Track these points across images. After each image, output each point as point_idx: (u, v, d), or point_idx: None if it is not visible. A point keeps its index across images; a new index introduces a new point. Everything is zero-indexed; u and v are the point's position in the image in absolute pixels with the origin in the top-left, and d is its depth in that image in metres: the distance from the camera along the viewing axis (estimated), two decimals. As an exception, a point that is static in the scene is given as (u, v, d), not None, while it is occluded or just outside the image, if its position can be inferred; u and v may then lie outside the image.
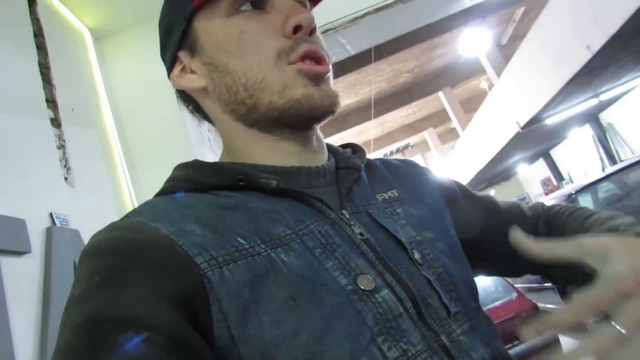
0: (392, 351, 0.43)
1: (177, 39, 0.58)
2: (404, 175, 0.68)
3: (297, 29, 0.53)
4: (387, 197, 0.61)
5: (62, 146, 1.42)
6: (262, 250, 0.45)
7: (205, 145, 1.70)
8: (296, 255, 0.46)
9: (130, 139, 1.71)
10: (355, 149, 0.66)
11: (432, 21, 2.18)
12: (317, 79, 0.54)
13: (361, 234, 0.52)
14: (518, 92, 8.90)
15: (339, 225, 0.51)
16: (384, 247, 0.52)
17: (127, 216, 0.50)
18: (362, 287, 0.46)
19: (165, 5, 0.60)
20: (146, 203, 0.51)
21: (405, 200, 0.62)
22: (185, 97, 0.63)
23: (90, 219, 1.45)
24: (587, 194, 4.70)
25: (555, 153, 14.58)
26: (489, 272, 0.77)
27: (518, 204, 0.75)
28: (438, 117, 17.40)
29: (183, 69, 0.59)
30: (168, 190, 0.53)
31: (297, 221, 0.49)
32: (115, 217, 1.57)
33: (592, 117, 11.29)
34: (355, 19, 1.62)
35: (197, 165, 0.55)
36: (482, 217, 0.70)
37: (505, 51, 11.84)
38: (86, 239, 1.37)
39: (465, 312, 0.53)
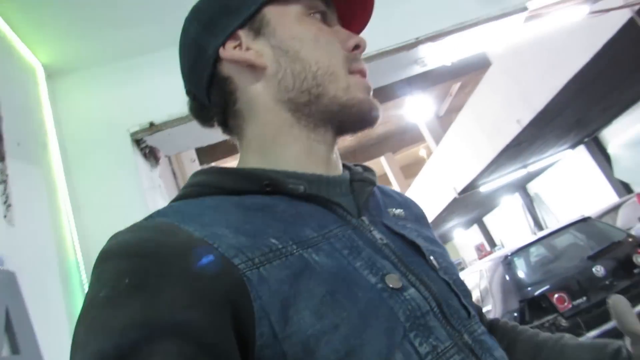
0: (424, 347, 0.45)
1: (241, 19, 0.58)
2: (407, 202, 0.72)
3: (356, 47, 0.59)
4: (397, 214, 0.63)
5: (3, 181, 1.33)
6: (295, 251, 0.45)
7: (156, 191, 1.65)
8: (326, 255, 0.46)
9: (77, 180, 1.63)
10: (364, 168, 0.68)
11: (386, 84, 2.29)
12: (370, 92, 0.59)
13: (381, 239, 0.53)
14: (455, 159, 9.42)
15: (360, 230, 0.53)
16: (403, 252, 0.53)
17: (151, 217, 0.48)
18: (391, 286, 0.47)
19: None
20: (170, 206, 0.50)
21: (410, 220, 0.65)
22: (219, 84, 0.60)
23: (29, 260, 1.33)
24: (520, 257, 4.93)
25: (488, 220, 15.30)
26: None
27: None
28: (379, 182, 17.89)
29: (238, 46, 0.58)
30: (191, 194, 0.53)
31: (322, 226, 0.50)
32: (54, 259, 1.45)
33: (521, 187, 12.08)
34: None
35: (220, 171, 0.54)
36: None
37: (443, 122, 12.60)
38: (22, 282, 1.25)
39: (478, 316, 0.56)
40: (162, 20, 1.59)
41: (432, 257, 0.56)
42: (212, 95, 0.61)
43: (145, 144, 1.65)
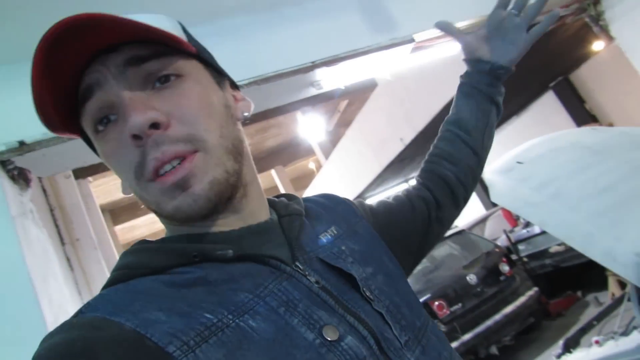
0: None
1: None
2: (331, 209, 0.71)
3: (134, 138, 0.48)
4: (330, 236, 0.63)
5: None
6: (231, 322, 0.45)
7: (27, 217, 1.46)
8: (263, 318, 0.46)
9: None
10: (289, 197, 0.68)
11: (280, 105, 2.30)
12: (180, 186, 0.49)
13: (317, 282, 0.53)
14: (343, 173, 9.76)
15: (295, 278, 0.52)
16: (339, 290, 0.54)
17: (81, 312, 0.46)
18: (329, 339, 0.47)
19: None
20: (101, 296, 0.48)
21: (344, 236, 0.64)
22: None
23: None
24: (404, 268, 5.23)
25: (373, 230, 16.06)
26: (423, 252, 0.85)
27: (395, 197, 0.87)
28: (270, 193, 17.82)
29: None
30: (120, 278, 0.50)
31: (256, 285, 0.49)
32: None
33: (403, 200, 12.87)
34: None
35: (147, 249, 0.53)
36: (391, 224, 0.77)
37: (332, 136, 13.01)
38: None
39: (414, 336, 0.57)
40: (35, 25, 1.43)
41: (365, 288, 0.57)
42: None
43: (14, 166, 1.45)
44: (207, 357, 0.41)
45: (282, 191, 14.94)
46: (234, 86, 0.64)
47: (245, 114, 0.61)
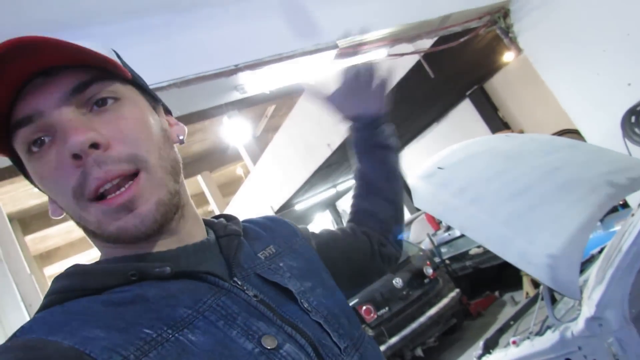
0: None
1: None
2: (271, 229, 0.73)
3: (75, 156, 0.47)
4: (268, 254, 0.64)
5: None
6: (170, 336, 0.45)
7: None
8: (202, 332, 0.47)
9: None
10: (227, 218, 0.68)
11: (203, 108, 2.22)
12: (126, 207, 0.49)
13: (255, 296, 0.54)
14: (272, 179, 9.69)
15: (234, 293, 0.53)
16: (278, 303, 0.56)
17: (15, 336, 0.45)
18: (267, 347, 0.49)
19: None
20: (34, 319, 0.47)
21: (283, 254, 0.66)
22: None
23: None
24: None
25: (302, 236, 16.11)
26: (356, 287, 0.87)
27: (340, 229, 0.90)
28: (196, 200, 17.38)
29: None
30: (54, 302, 0.49)
31: (195, 300, 0.50)
32: None
33: (331, 205, 13.03)
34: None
35: (82, 272, 0.52)
36: (333, 248, 0.80)
37: (259, 142, 12.90)
38: None
39: (353, 344, 0.60)
40: None
41: (303, 300, 0.59)
42: None
43: None
44: None
45: (209, 198, 14.65)
46: (168, 111, 0.65)
47: (181, 137, 0.62)
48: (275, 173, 9.45)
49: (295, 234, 0.75)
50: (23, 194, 10.38)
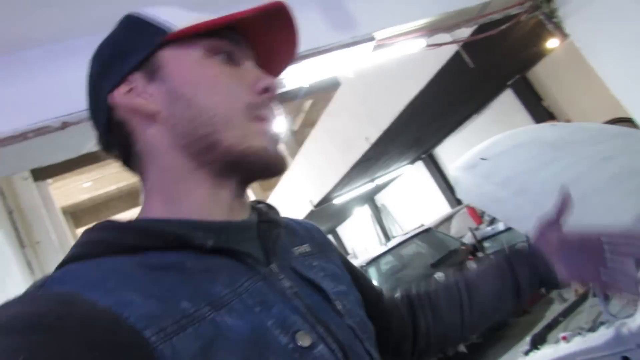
0: None
1: (134, 62, 0.54)
2: (309, 232, 0.70)
3: (265, 90, 0.55)
4: (302, 251, 0.62)
5: None
6: (207, 314, 0.43)
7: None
8: (239, 316, 0.45)
9: None
10: (268, 206, 0.66)
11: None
12: (276, 140, 0.56)
13: (291, 287, 0.52)
14: (310, 173, 9.73)
15: (270, 280, 0.51)
16: (312, 299, 0.53)
17: (43, 285, 0.42)
18: (301, 345, 0.46)
19: (119, 32, 0.58)
20: (67, 270, 0.44)
21: (316, 255, 0.64)
22: (116, 127, 0.55)
23: None
24: (373, 267, 5.25)
25: (341, 230, 16.11)
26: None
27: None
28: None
29: (131, 90, 0.54)
30: (84, 254, 0.46)
31: (232, 280, 0.48)
32: None
33: (370, 199, 12.97)
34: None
35: (119, 227, 0.49)
36: (359, 282, 0.72)
37: (297, 136, 12.99)
38: None
39: (379, 357, 0.58)
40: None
41: (337, 302, 0.57)
42: (111, 138, 0.57)
43: (-32, 167, 1.38)
44: (185, 347, 0.39)
45: (249, 192, 14.88)
46: None
47: None
48: (314, 167, 9.48)
49: (329, 245, 0.72)
50: (74, 190, 10.86)
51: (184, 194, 0.53)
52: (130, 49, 0.55)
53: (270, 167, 0.54)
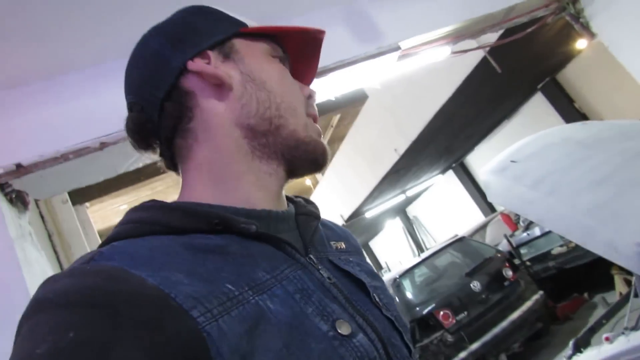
0: None
1: (211, 41, 0.58)
2: (345, 234, 0.73)
3: (309, 97, 0.63)
4: (339, 247, 0.64)
5: None
6: (251, 298, 0.43)
7: (26, 239, 1.45)
8: (280, 302, 0.45)
9: None
10: (307, 200, 0.68)
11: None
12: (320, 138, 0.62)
13: (329, 278, 0.53)
14: (340, 188, 9.75)
15: (309, 269, 0.52)
16: (350, 291, 0.54)
17: (93, 259, 0.42)
18: (341, 332, 0.47)
19: (190, 14, 0.61)
20: (113, 246, 0.44)
21: (352, 253, 0.66)
22: (178, 97, 0.56)
23: None
24: (407, 278, 5.20)
25: (373, 244, 16.00)
26: None
27: None
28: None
29: (209, 63, 0.57)
30: (129, 232, 0.47)
31: (273, 267, 0.49)
32: None
33: (401, 211, 12.86)
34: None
35: (163, 207, 0.50)
36: None
37: (326, 152, 13.03)
38: None
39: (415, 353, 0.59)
40: (34, 48, 1.43)
41: (375, 295, 0.58)
42: (166, 108, 0.56)
43: (11, 188, 1.45)
44: (231, 329, 0.39)
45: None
46: None
47: None
48: (344, 181, 9.50)
49: (360, 248, 0.74)
50: (111, 213, 11.16)
51: (234, 177, 0.55)
52: (207, 31, 0.59)
53: (320, 159, 0.60)
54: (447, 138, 7.76)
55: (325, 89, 2.11)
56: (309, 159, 0.59)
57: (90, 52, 1.53)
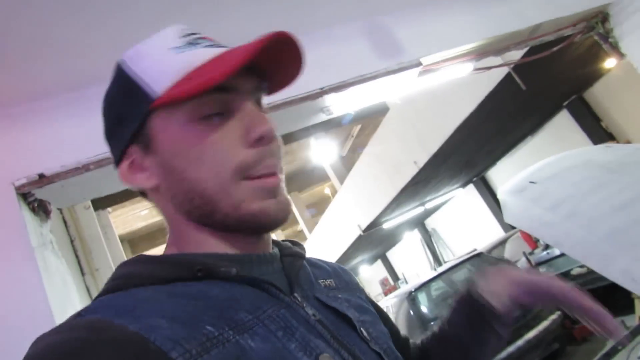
0: None
1: (130, 133, 0.54)
2: (336, 270, 0.73)
3: (260, 139, 0.52)
4: (327, 284, 0.65)
5: None
6: (231, 337, 0.44)
7: (47, 247, 1.48)
8: (261, 339, 0.46)
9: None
10: (293, 242, 0.68)
11: (291, 131, 2.32)
12: (273, 192, 0.53)
13: (314, 315, 0.54)
14: (359, 198, 9.72)
15: (293, 308, 0.53)
16: (336, 327, 0.55)
17: (80, 314, 0.45)
18: None
19: (115, 90, 0.57)
20: (99, 301, 0.47)
21: (342, 290, 0.66)
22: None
23: None
24: (423, 292, 5.14)
25: (391, 255, 15.88)
26: None
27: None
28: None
29: (133, 163, 0.56)
30: (119, 287, 0.49)
31: (255, 307, 0.50)
32: None
33: (420, 223, 12.75)
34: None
35: (148, 260, 0.53)
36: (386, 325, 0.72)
37: (346, 161, 13.05)
38: None
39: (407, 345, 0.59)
40: (57, 62, 1.47)
41: (362, 329, 0.58)
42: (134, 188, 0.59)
43: (34, 198, 1.49)
44: None
45: (298, 217, 14.98)
46: None
47: None
48: (362, 192, 9.48)
49: (356, 284, 0.74)
50: (132, 218, 11.35)
51: (199, 245, 0.55)
52: (125, 116, 0.55)
53: (270, 224, 0.54)
54: (468, 152, 7.69)
55: (345, 103, 2.12)
56: (256, 228, 0.54)
57: (111, 66, 1.57)
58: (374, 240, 11.92)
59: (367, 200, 9.35)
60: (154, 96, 0.52)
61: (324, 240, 12.58)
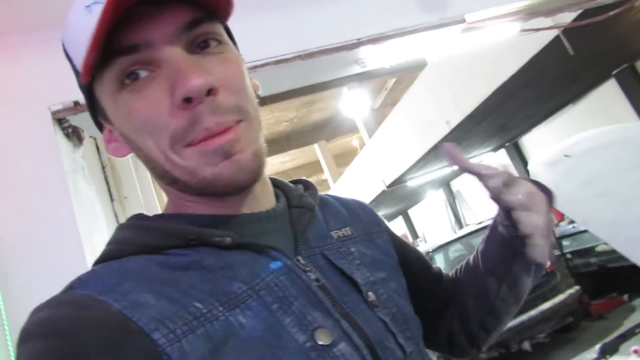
0: None
1: (90, 107, 0.54)
2: (355, 212, 0.68)
3: (187, 101, 0.44)
4: (342, 235, 0.61)
5: None
6: (220, 314, 0.43)
7: (78, 173, 1.53)
8: (253, 314, 0.44)
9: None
10: (306, 185, 0.65)
11: (323, 81, 2.28)
12: (223, 152, 0.46)
13: (317, 280, 0.51)
14: (386, 153, 9.65)
15: (295, 272, 0.50)
16: (340, 292, 0.52)
17: (71, 287, 0.45)
18: (320, 343, 0.45)
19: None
20: (93, 271, 0.47)
21: (358, 240, 0.62)
22: None
23: None
24: (440, 253, 5.18)
25: (412, 212, 15.90)
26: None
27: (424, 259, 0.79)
28: (311, 168, 18.05)
29: (109, 134, 0.55)
30: (113, 254, 0.49)
31: (253, 275, 0.47)
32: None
33: (445, 184, 12.63)
34: (255, 67, 1.63)
35: (143, 227, 0.51)
36: (412, 264, 0.72)
37: (377, 115, 12.85)
38: None
39: (418, 350, 0.56)
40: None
41: (370, 292, 0.55)
42: None
43: (68, 124, 1.53)
44: (193, 349, 0.40)
45: (324, 167, 15.02)
46: None
47: (258, 92, 0.56)
48: (390, 147, 9.38)
49: (378, 224, 0.70)
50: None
51: (188, 205, 0.53)
52: (82, 92, 0.53)
53: (230, 189, 0.48)
54: (504, 116, 7.45)
55: (381, 56, 2.05)
56: (221, 195, 0.49)
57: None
58: (397, 196, 11.91)
59: (394, 156, 9.27)
60: (80, 71, 0.47)
61: (347, 193, 12.66)
